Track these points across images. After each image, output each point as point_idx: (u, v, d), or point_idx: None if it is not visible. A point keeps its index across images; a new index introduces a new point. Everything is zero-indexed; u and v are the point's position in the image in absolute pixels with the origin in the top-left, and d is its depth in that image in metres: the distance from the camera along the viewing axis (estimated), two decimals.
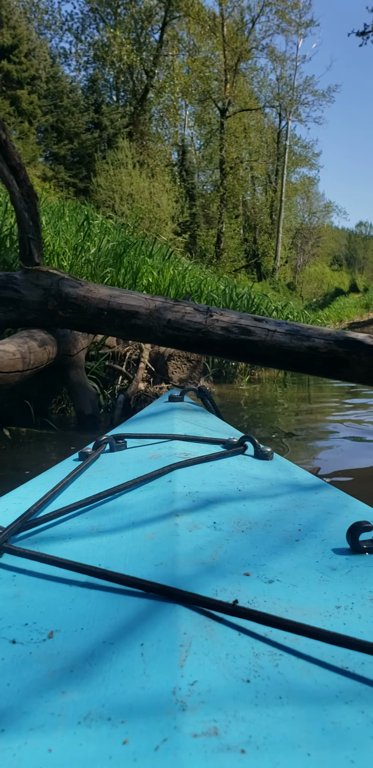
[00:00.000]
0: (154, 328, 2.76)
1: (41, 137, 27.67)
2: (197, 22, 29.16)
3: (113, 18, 30.31)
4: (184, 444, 1.20)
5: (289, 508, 0.85)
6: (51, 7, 39.22)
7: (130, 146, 24.52)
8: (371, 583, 0.61)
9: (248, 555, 0.67)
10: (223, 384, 6.20)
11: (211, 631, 0.50)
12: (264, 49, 33.43)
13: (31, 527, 0.76)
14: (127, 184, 21.34)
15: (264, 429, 3.73)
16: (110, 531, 0.75)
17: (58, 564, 0.62)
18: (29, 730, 0.39)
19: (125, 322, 2.80)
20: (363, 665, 0.47)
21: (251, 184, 38.22)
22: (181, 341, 2.75)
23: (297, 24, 32.62)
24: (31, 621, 0.53)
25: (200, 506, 0.82)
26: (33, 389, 3.23)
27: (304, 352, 2.56)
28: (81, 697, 0.42)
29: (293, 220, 42.82)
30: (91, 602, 0.56)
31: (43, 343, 2.83)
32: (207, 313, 2.70)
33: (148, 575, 0.59)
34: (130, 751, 0.36)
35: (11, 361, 2.48)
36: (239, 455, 1.16)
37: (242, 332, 2.63)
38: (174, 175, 29.37)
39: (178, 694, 0.41)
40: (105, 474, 1.02)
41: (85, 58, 31.74)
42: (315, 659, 0.47)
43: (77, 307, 2.83)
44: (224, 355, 2.82)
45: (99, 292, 2.81)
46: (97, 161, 23.16)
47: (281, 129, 37.36)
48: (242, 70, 32.98)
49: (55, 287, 2.85)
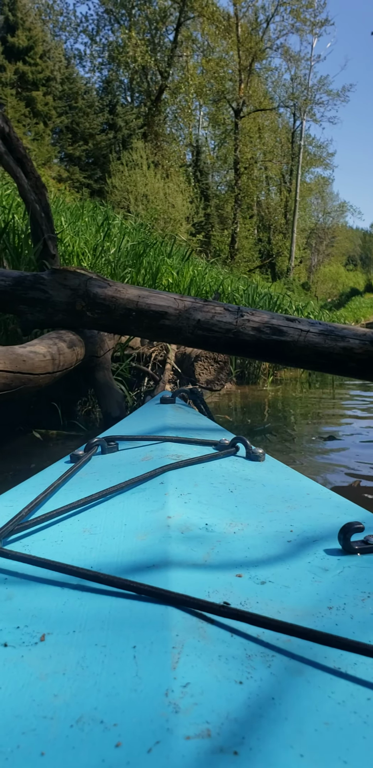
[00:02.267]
0: (184, 329, 2.72)
1: (56, 138, 27.76)
2: (211, 22, 29.12)
3: (128, 19, 30.36)
4: (176, 446, 1.20)
5: (281, 509, 0.85)
6: (66, 9, 39.44)
7: (145, 147, 24.52)
8: (363, 584, 0.61)
9: (240, 556, 0.67)
10: (246, 385, 6.15)
11: (203, 633, 0.50)
12: (279, 49, 33.36)
13: (23, 530, 0.76)
14: (142, 185, 21.34)
15: (302, 431, 3.66)
16: (102, 533, 0.75)
17: (50, 566, 0.62)
18: (21, 734, 0.38)
19: (154, 322, 2.77)
20: (355, 666, 0.47)
21: (266, 184, 38.18)
22: (211, 342, 2.71)
23: (312, 23, 32.48)
24: (22, 624, 0.53)
25: (192, 508, 0.82)
26: (59, 391, 3.20)
27: (338, 353, 2.52)
28: (73, 700, 0.42)
29: (307, 220, 42.74)
30: (83, 605, 0.56)
31: (72, 344, 2.80)
32: (238, 313, 2.66)
33: (141, 577, 0.59)
34: (123, 753, 0.36)
35: (42, 362, 2.45)
36: (231, 456, 1.16)
37: (274, 332, 2.59)
38: (188, 175, 29.35)
39: (170, 696, 0.41)
40: (97, 476, 1.02)
41: (99, 59, 31.87)
42: (308, 660, 0.47)
43: (105, 308, 2.80)
44: (254, 356, 2.78)
45: (127, 292, 2.78)
46: (112, 162, 23.17)
47: (295, 129, 37.32)
48: (256, 70, 32.95)
49: (83, 287, 2.82)
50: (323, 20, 32.81)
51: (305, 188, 39.41)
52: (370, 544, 0.69)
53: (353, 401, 5.34)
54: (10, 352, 2.30)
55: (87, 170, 27.49)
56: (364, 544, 0.69)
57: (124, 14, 30.62)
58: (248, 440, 1.20)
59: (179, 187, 23.55)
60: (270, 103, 34.81)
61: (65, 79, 28.67)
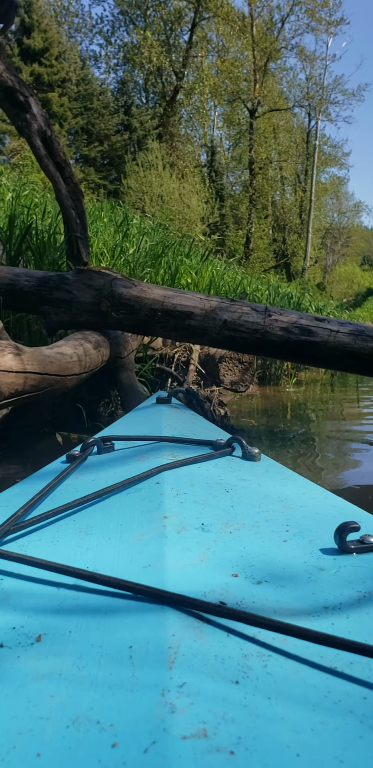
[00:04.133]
0: (210, 329, 2.70)
1: (72, 140, 27.86)
2: (226, 22, 29.10)
3: (143, 20, 30.40)
4: (172, 446, 1.20)
5: (277, 508, 0.85)
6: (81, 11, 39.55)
7: (160, 147, 24.51)
8: (359, 584, 0.61)
9: (236, 556, 0.67)
10: (267, 386, 6.10)
11: (199, 633, 0.50)
12: (294, 49, 33.22)
13: (19, 530, 0.76)
14: (157, 186, 21.33)
15: (338, 435, 3.60)
16: (98, 533, 0.75)
17: (46, 567, 0.62)
18: (17, 735, 0.38)
19: (180, 323, 2.75)
20: (351, 665, 0.47)
21: (281, 184, 38.05)
22: (238, 343, 2.68)
23: (327, 22, 32.30)
24: (18, 624, 0.53)
25: (187, 508, 0.82)
26: (83, 392, 3.18)
27: (369, 353, 2.48)
28: (69, 700, 0.42)
29: (322, 219, 42.57)
30: (79, 605, 0.56)
31: (98, 345, 2.78)
32: (265, 312, 2.63)
33: (137, 577, 0.59)
34: (119, 754, 0.36)
35: (69, 363, 2.43)
36: (227, 456, 1.16)
37: (303, 333, 2.55)
38: (203, 176, 29.35)
39: (167, 696, 0.41)
40: (92, 476, 1.02)
41: (114, 60, 31.91)
42: (304, 659, 0.47)
43: (130, 308, 2.78)
44: (282, 356, 2.75)
45: (153, 292, 2.76)
46: (127, 163, 23.20)
47: (310, 129, 37.15)
48: (271, 70, 32.85)
49: (108, 288, 2.81)
50: (338, 19, 32.61)
51: (320, 188, 39.27)
52: (366, 544, 0.69)
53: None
54: (37, 353, 2.28)
55: (102, 171, 27.58)
56: (360, 544, 0.69)
57: (139, 15, 30.69)
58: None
59: (194, 187, 23.52)
60: (285, 103, 34.70)
61: (81, 81, 28.78)
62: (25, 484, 1.03)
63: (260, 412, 4.55)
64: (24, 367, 2.17)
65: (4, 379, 2.10)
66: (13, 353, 2.17)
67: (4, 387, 2.11)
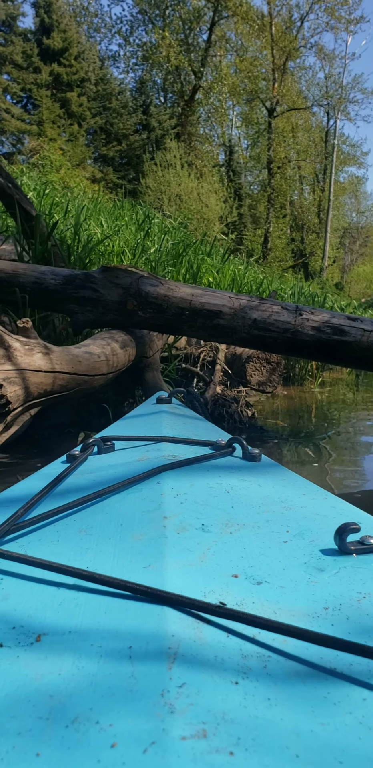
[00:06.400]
0: (239, 329, 2.65)
1: (90, 139, 27.96)
2: (245, 21, 29.03)
3: (161, 20, 30.40)
4: (173, 446, 1.20)
5: (277, 509, 0.85)
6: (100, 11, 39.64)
7: (178, 147, 24.47)
8: (359, 585, 0.61)
9: (236, 557, 0.67)
10: (291, 386, 6.03)
11: (199, 633, 0.50)
12: (313, 47, 33.17)
13: (19, 530, 0.76)
14: (176, 185, 21.30)
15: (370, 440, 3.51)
16: (98, 533, 0.75)
17: (46, 567, 0.62)
18: (17, 735, 0.38)
19: (208, 322, 2.71)
20: (351, 666, 0.47)
21: (299, 184, 37.89)
22: (268, 342, 2.64)
23: (347, 20, 32.13)
24: (18, 624, 0.53)
25: (188, 508, 0.82)
26: (108, 391, 3.15)
27: None
28: (69, 700, 0.41)
29: (340, 219, 42.36)
30: (79, 605, 0.56)
31: (125, 345, 2.75)
32: (296, 311, 2.58)
33: (137, 577, 0.59)
34: (118, 754, 0.36)
35: (97, 363, 2.41)
36: (227, 457, 1.16)
37: (335, 332, 2.50)
38: (221, 175, 29.30)
39: (166, 697, 0.41)
40: (93, 476, 1.02)
41: (133, 60, 31.95)
42: (303, 660, 0.47)
43: (157, 307, 2.74)
44: (313, 357, 2.70)
45: (180, 290, 2.72)
46: (146, 162, 23.20)
47: (329, 128, 36.99)
48: (290, 69, 32.76)
49: (134, 286, 2.77)
50: (358, 17, 32.44)
51: (339, 187, 39.11)
52: (366, 545, 0.69)
53: None
54: (66, 352, 2.26)
55: (121, 171, 27.65)
56: (360, 545, 0.69)
57: (158, 15, 30.69)
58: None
59: (212, 186, 23.47)
60: (304, 102, 34.59)
61: (99, 80, 28.88)
62: (26, 483, 1.03)
63: (284, 413, 4.48)
64: (53, 367, 2.15)
65: (33, 379, 2.07)
66: (43, 352, 2.14)
67: (33, 387, 2.08)
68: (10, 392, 2.04)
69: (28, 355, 2.13)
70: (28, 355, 2.13)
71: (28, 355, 2.13)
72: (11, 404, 2.07)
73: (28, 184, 8.53)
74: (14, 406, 2.09)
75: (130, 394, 3.54)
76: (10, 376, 2.05)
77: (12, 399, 2.06)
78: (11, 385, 2.04)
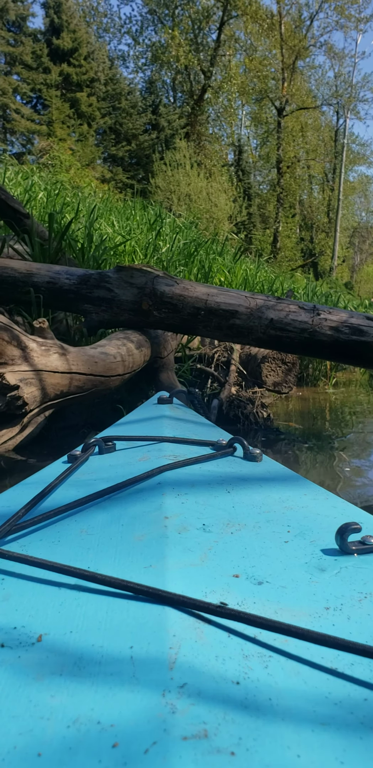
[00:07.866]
0: (255, 329, 2.63)
1: (100, 139, 27.98)
2: (254, 20, 28.96)
3: (171, 19, 30.37)
4: (174, 446, 1.20)
5: (278, 509, 0.85)
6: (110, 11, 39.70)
7: (188, 146, 24.44)
8: (360, 584, 0.61)
9: (237, 557, 0.67)
10: (305, 387, 5.99)
11: (200, 633, 0.50)
12: (322, 47, 33.14)
13: (20, 530, 0.76)
14: (185, 185, 21.28)
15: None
16: (99, 533, 0.75)
17: (47, 567, 0.62)
18: (18, 735, 0.38)
19: (224, 322, 2.68)
20: (352, 666, 0.47)
21: (308, 183, 37.80)
22: (285, 343, 2.61)
23: (356, 19, 32.09)
24: (19, 624, 0.53)
25: (189, 508, 0.82)
26: (122, 392, 3.13)
27: None
28: (70, 700, 0.42)
29: (350, 218, 42.22)
30: (80, 605, 0.56)
31: (140, 345, 2.73)
32: (313, 311, 2.55)
33: (138, 577, 0.59)
34: (119, 754, 0.36)
35: (113, 364, 2.39)
36: (228, 457, 1.16)
37: (354, 332, 2.47)
38: (231, 175, 29.25)
39: (167, 697, 0.41)
40: (94, 476, 1.03)
41: (142, 60, 31.96)
42: (304, 660, 0.47)
43: (172, 307, 2.72)
44: (331, 357, 2.67)
45: (196, 290, 2.70)
46: (155, 162, 23.19)
47: (338, 127, 36.89)
48: (299, 68, 32.67)
49: (149, 285, 2.75)
50: (368, 16, 32.42)
51: (348, 187, 39.02)
52: (367, 545, 0.69)
53: None
54: (82, 353, 2.24)
55: (130, 171, 27.67)
56: (361, 545, 0.69)
57: (167, 14, 30.66)
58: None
59: (222, 186, 23.44)
60: (313, 102, 34.54)
61: (109, 80, 28.90)
62: (27, 484, 1.04)
63: (298, 414, 4.43)
64: (69, 368, 2.13)
65: (50, 380, 2.06)
66: (59, 353, 2.12)
67: (50, 388, 2.07)
68: (27, 393, 2.02)
69: (44, 356, 2.11)
70: (44, 355, 2.12)
71: (45, 355, 2.12)
72: (28, 405, 2.05)
73: (39, 184, 8.54)
74: (31, 408, 2.08)
75: (144, 395, 3.52)
76: (26, 377, 2.03)
77: (28, 400, 2.04)
78: (28, 386, 2.03)
